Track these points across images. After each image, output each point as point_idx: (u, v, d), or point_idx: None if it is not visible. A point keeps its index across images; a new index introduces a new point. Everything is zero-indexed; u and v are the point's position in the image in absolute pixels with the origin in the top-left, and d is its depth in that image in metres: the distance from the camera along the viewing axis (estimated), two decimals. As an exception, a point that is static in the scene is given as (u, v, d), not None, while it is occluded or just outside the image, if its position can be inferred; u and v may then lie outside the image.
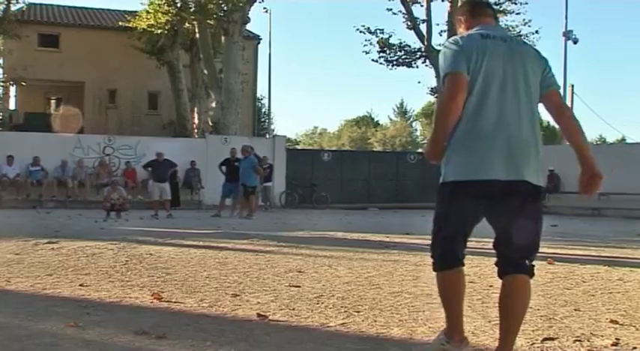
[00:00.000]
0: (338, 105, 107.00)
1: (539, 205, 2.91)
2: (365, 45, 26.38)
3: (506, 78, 2.81)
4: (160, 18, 23.77)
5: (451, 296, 3.02)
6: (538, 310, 4.38)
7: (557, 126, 3.07)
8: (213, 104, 23.44)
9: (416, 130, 67.05)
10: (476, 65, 2.78)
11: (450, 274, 2.98)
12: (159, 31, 24.25)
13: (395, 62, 26.72)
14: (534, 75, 2.89)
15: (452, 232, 2.94)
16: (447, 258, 2.97)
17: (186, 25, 24.44)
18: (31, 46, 26.96)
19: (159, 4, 23.63)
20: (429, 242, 3.06)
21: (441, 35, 25.56)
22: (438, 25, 25.69)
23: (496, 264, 2.99)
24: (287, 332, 3.68)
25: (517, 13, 26.34)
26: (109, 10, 32.00)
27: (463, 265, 3.01)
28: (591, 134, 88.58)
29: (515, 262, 2.89)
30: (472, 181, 2.78)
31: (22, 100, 30.07)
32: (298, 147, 54.44)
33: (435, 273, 3.06)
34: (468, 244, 3.05)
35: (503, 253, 2.92)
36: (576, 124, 2.96)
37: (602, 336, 3.64)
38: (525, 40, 3.03)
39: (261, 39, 31.43)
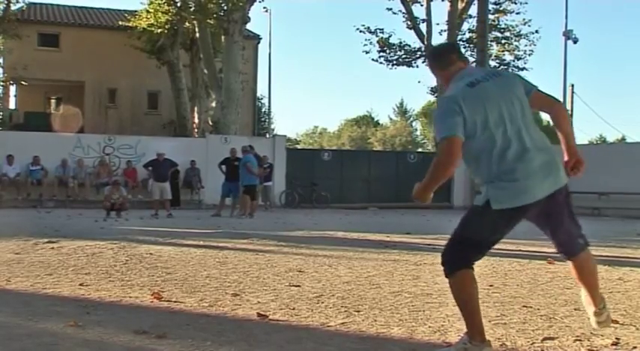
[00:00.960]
0: (338, 104, 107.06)
1: (570, 195, 3.23)
2: (365, 44, 26.44)
3: (509, 112, 3.06)
4: (160, 17, 23.75)
5: (466, 298, 3.09)
6: (538, 309, 4.38)
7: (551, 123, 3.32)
8: (214, 104, 23.43)
9: (416, 129, 67.08)
10: (484, 115, 3.02)
11: (461, 274, 3.08)
12: (159, 31, 24.23)
13: (395, 62, 26.75)
14: (520, 93, 3.14)
15: (483, 247, 3.13)
16: (457, 261, 3.10)
17: (187, 24, 24.41)
18: (31, 45, 26.95)
19: (159, 4, 23.60)
20: (429, 242, 3.08)
21: (440, 34, 25.60)
22: (437, 24, 25.72)
23: (560, 251, 3.31)
24: (287, 332, 3.68)
25: (517, 13, 26.38)
26: (109, 9, 32.00)
27: (472, 269, 3.12)
28: (591, 134, 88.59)
29: (578, 244, 3.28)
30: (524, 206, 3.02)
31: (22, 99, 30.07)
32: (298, 146, 54.41)
33: (447, 279, 3.14)
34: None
35: (566, 241, 3.26)
36: (566, 113, 3.26)
37: (602, 335, 3.64)
38: (506, 71, 3.32)
39: (261, 38, 31.47)
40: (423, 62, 26.20)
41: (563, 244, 3.27)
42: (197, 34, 23.71)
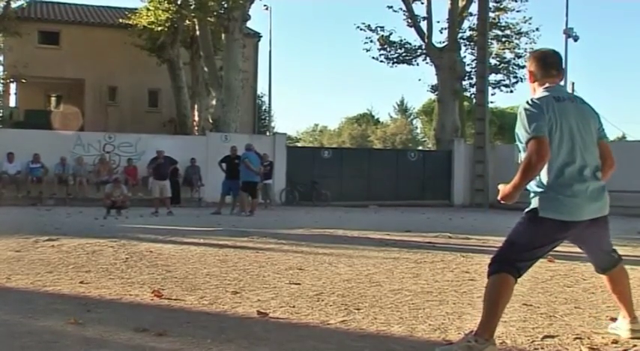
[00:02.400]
0: (338, 102, 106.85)
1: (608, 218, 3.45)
2: (365, 42, 26.41)
3: (581, 134, 3.28)
4: (160, 15, 23.70)
5: (497, 300, 3.18)
6: (538, 307, 4.39)
7: None
8: (214, 102, 23.40)
9: (416, 127, 66.92)
10: (559, 127, 3.21)
11: (503, 278, 3.18)
12: (159, 29, 24.18)
13: (395, 60, 26.72)
14: (594, 128, 3.38)
15: (531, 255, 3.25)
16: (504, 263, 3.21)
17: (187, 22, 24.38)
18: (32, 43, 26.91)
19: (159, 2, 23.56)
20: (429, 240, 3.07)
21: (441, 32, 25.59)
22: (438, 22, 25.71)
23: (596, 267, 3.59)
24: (287, 330, 3.68)
25: (517, 11, 26.36)
26: (109, 7, 31.99)
27: (516, 279, 3.22)
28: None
29: (612, 259, 3.54)
30: (571, 222, 3.21)
31: (22, 97, 30.03)
32: (299, 144, 54.36)
33: (488, 278, 3.23)
34: (469, 241, 3.08)
35: (602, 258, 3.53)
36: (611, 172, 3.47)
37: (602, 333, 3.64)
38: (581, 98, 3.46)
39: (261, 36, 31.40)
40: (423, 60, 26.18)
41: (599, 260, 3.55)
42: (197, 32, 23.69)
